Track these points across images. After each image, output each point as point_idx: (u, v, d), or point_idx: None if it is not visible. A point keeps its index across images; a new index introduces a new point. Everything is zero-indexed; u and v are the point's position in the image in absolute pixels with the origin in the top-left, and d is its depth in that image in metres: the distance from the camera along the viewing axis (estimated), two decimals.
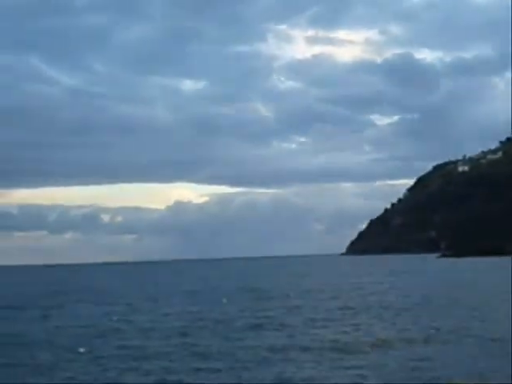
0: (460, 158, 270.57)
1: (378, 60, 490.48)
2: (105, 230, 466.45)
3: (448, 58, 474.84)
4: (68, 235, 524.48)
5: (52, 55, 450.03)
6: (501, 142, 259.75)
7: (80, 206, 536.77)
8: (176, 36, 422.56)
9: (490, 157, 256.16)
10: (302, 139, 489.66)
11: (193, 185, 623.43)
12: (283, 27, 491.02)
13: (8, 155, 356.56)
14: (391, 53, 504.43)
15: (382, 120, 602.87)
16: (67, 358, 25.87)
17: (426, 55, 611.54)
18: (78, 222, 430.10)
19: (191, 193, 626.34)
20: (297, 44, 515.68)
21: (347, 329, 31.74)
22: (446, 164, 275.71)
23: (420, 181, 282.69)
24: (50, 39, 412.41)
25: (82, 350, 27.50)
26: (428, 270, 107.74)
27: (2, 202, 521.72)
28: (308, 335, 30.04)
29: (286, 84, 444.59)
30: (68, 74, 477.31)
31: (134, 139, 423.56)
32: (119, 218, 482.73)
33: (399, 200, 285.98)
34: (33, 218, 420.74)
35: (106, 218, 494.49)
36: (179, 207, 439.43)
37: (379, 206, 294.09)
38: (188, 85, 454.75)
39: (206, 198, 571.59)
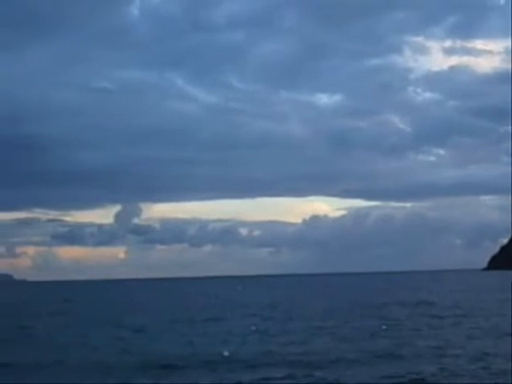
0: None
1: None
2: (242, 243, 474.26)
3: None
4: (207, 248, 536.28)
5: (191, 72, 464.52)
6: None
7: (219, 220, 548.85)
8: (310, 51, 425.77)
9: None
10: (440, 151, 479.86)
11: (328, 198, 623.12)
12: (419, 39, 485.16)
13: (152, 171, 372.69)
14: None
15: None
16: None
17: None
18: (217, 235, 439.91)
19: (327, 207, 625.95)
20: (433, 55, 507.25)
21: None
22: None
23: None
24: (190, 57, 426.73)
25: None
26: None
27: (145, 217, 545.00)
28: None
29: (423, 96, 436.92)
30: (206, 90, 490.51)
31: (270, 154, 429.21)
32: (256, 232, 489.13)
33: None
34: (174, 232, 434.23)
35: (243, 231, 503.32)
36: (315, 221, 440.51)
37: None
38: (322, 99, 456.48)
39: (342, 212, 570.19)
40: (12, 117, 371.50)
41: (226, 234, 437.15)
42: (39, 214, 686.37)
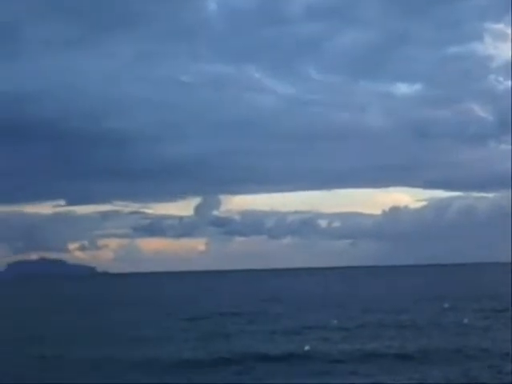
0: None
1: None
2: (321, 235, 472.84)
3: None
4: (286, 240, 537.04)
5: (268, 65, 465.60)
6: None
7: (297, 212, 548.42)
8: (390, 39, 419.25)
9: None
10: None
11: (409, 189, 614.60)
12: (500, 26, 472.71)
13: (231, 163, 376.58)
14: None
15: None
16: None
17: None
18: (296, 227, 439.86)
19: (407, 197, 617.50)
20: None
21: None
22: None
23: None
24: (267, 49, 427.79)
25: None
26: None
27: (225, 209, 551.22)
28: None
29: (504, 84, 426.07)
30: (284, 82, 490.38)
31: (349, 145, 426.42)
32: (336, 224, 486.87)
33: None
34: (253, 224, 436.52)
35: (322, 223, 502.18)
36: (395, 212, 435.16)
37: None
38: (402, 88, 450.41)
39: (423, 203, 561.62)
40: (94, 112, 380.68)
41: (304, 225, 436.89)
42: (121, 206, 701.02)
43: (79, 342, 36.15)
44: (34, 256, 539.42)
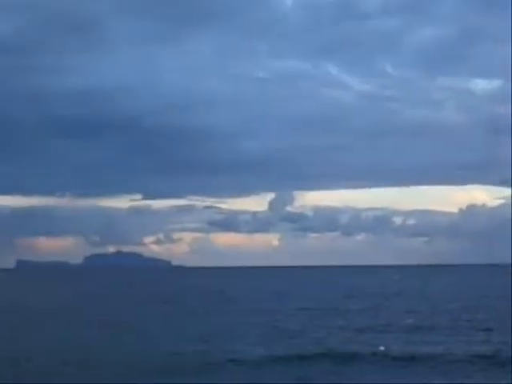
0: None
1: None
2: (396, 232, 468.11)
3: None
4: (360, 237, 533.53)
5: (345, 60, 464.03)
6: None
7: (372, 209, 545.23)
8: (468, 35, 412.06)
9: None
10: None
11: (486, 187, 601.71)
12: None
13: (305, 159, 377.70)
14: None
15: None
16: None
17: None
18: (370, 224, 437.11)
19: (484, 195, 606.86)
20: None
21: None
22: None
23: None
24: (344, 45, 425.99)
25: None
26: None
27: (298, 205, 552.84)
28: None
29: None
30: (361, 78, 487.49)
31: (425, 142, 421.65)
32: (411, 221, 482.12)
33: None
34: (326, 220, 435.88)
35: (397, 220, 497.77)
36: (473, 210, 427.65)
37: None
38: (480, 84, 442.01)
39: (500, 201, 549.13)
40: (172, 108, 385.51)
41: (379, 222, 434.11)
42: (196, 201, 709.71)
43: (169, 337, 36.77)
44: (110, 249, 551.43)
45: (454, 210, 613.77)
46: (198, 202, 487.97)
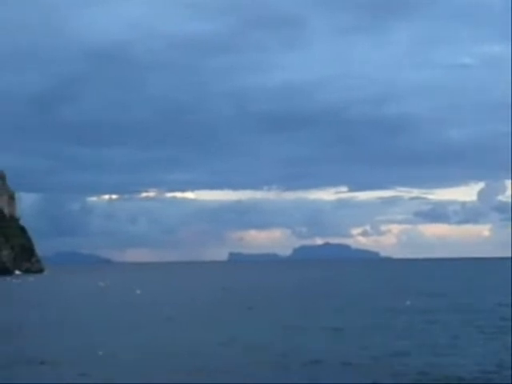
0: None
1: None
2: None
3: None
4: None
5: None
6: None
7: None
8: None
9: None
10: None
11: None
12: None
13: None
14: None
15: None
16: None
17: None
18: None
19: None
20: None
21: None
22: None
23: None
24: None
25: None
26: None
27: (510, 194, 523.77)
28: None
29: None
30: None
31: None
32: None
33: None
34: None
35: None
36: None
37: None
38: None
39: None
40: (377, 99, 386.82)
41: None
42: (403, 192, 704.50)
43: None
44: (318, 241, 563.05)
45: None
46: (405, 192, 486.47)
